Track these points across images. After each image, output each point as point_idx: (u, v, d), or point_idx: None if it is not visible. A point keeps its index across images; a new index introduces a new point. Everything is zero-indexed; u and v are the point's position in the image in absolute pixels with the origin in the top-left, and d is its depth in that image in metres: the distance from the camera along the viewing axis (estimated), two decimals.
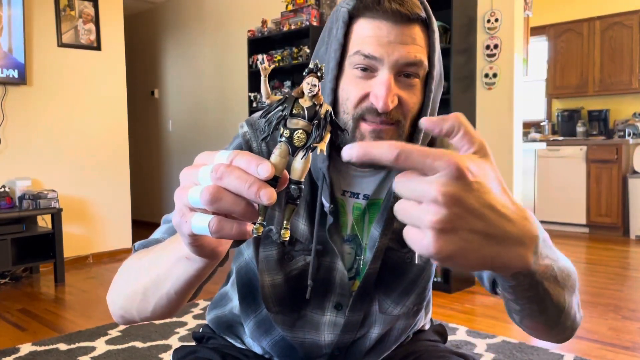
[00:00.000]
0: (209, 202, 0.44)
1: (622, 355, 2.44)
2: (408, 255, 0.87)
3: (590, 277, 3.87)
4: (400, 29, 0.73)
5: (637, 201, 5.07)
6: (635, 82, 5.34)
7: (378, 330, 0.89)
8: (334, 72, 0.76)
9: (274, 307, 0.88)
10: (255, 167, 0.44)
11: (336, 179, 0.85)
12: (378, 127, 0.75)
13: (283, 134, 0.47)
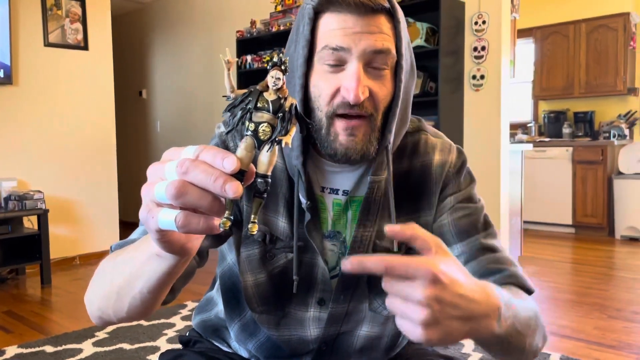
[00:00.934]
0: (175, 197, 0.44)
1: (608, 354, 2.47)
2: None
3: (576, 276, 3.91)
4: (365, 20, 0.73)
5: (621, 202, 5.14)
6: (620, 84, 5.41)
7: (367, 329, 0.89)
8: (303, 69, 0.76)
9: (258, 307, 0.88)
10: (221, 161, 0.44)
11: (314, 175, 0.85)
12: (351, 124, 0.75)
13: (248, 128, 0.47)
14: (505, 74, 3.53)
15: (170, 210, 0.46)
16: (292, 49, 0.81)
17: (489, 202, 3.47)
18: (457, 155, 0.91)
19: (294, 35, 0.81)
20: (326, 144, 0.77)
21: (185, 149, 0.47)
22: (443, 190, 0.89)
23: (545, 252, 4.65)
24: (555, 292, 3.49)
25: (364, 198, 0.84)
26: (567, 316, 3.01)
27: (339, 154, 0.76)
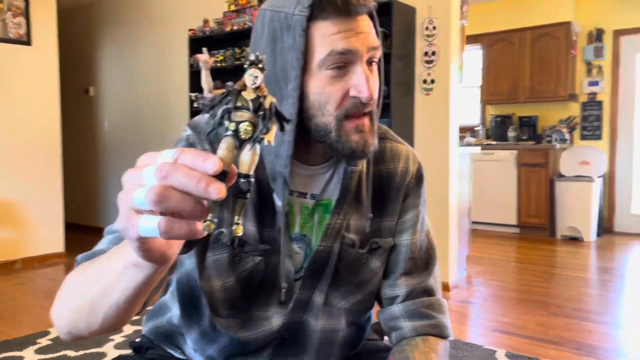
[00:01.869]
0: (156, 202, 0.43)
1: (550, 349, 2.58)
2: (365, 256, 0.91)
3: (520, 275, 4.07)
4: (356, 21, 0.76)
5: (562, 203, 5.38)
6: (562, 90, 5.66)
7: (323, 322, 0.91)
8: (299, 81, 0.76)
9: (224, 312, 0.87)
10: (202, 163, 0.43)
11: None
12: (360, 122, 0.78)
13: (229, 128, 0.46)
14: (455, 78, 3.62)
15: (152, 217, 0.45)
16: (269, 62, 0.79)
17: (439, 203, 3.56)
18: (418, 167, 0.96)
19: (268, 46, 0.78)
20: (340, 146, 0.79)
21: (162, 153, 0.46)
22: (405, 199, 0.94)
23: (491, 252, 4.80)
24: (500, 291, 3.61)
25: (341, 187, 0.87)
26: (511, 313, 3.13)
27: (358, 151, 0.79)
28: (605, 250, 4.90)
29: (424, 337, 0.91)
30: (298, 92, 0.76)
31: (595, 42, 5.75)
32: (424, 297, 0.94)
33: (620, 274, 4.07)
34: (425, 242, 0.97)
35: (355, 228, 0.89)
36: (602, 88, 5.72)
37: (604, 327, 2.87)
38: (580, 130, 5.85)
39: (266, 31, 0.79)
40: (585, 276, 3.99)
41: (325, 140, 0.79)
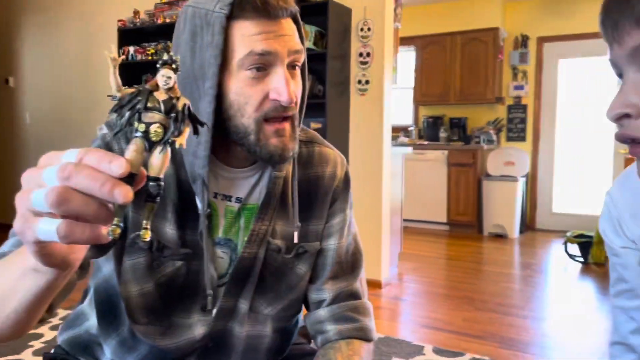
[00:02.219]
0: (56, 204, 0.41)
1: (474, 343, 2.69)
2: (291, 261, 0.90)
3: (449, 271, 4.21)
4: (279, 23, 0.75)
5: (489, 201, 5.62)
6: (490, 93, 5.91)
7: (248, 329, 0.90)
8: (216, 79, 0.74)
9: (143, 319, 0.84)
10: (108, 164, 0.41)
11: (209, 181, 0.84)
12: (281, 126, 0.77)
13: (138, 129, 0.44)
14: (388, 79, 3.69)
15: (51, 220, 0.42)
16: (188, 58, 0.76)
17: (372, 202, 3.62)
18: (346, 171, 0.97)
19: (188, 43, 0.76)
20: (259, 149, 0.77)
21: (65, 152, 0.43)
22: (332, 204, 0.94)
23: (422, 249, 4.95)
24: (430, 287, 3.73)
25: (265, 192, 0.86)
26: (440, 309, 3.23)
27: (276, 155, 0.78)
28: (527, 246, 5.17)
29: (348, 340, 0.92)
30: (215, 90, 0.75)
31: (520, 48, 6.03)
32: (350, 301, 0.95)
33: (540, 269, 4.31)
34: (352, 245, 0.97)
35: (282, 233, 0.89)
36: (527, 92, 6.02)
37: (524, 321, 3.02)
38: (506, 132, 6.14)
39: (187, 27, 0.77)
40: (509, 272, 4.19)
41: (244, 143, 0.78)
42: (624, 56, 0.54)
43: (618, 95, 0.54)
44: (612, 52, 0.56)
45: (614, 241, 0.71)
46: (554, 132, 5.92)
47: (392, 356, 2.48)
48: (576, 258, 4.41)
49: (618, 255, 0.71)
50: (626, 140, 0.55)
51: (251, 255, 0.86)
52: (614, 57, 0.56)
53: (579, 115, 5.77)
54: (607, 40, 0.56)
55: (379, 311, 3.18)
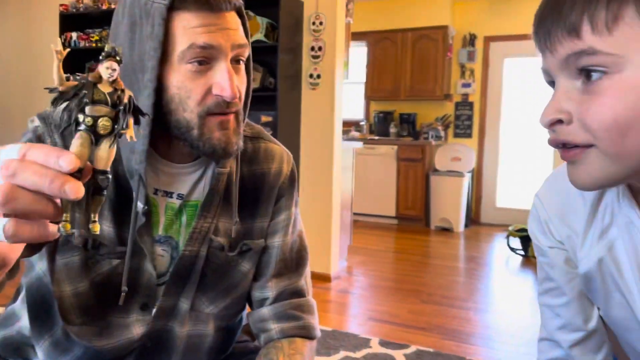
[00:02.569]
0: (2, 203, 0.39)
1: (418, 335, 2.75)
2: (234, 259, 0.88)
3: (397, 264, 4.29)
4: (223, 17, 0.73)
5: (436, 196, 5.75)
6: (438, 90, 6.03)
7: (188, 328, 0.88)
8: (157, 72, 0.72)
9: (77, 319, 0.81)
10: (56, 160, 0.40)
11: (149, 177, 0.82)
12: (225, 118, 0.76)
13: (84, 122, 0.44)
14: (340, 74, 3.71)
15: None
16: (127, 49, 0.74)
17: (322, 196, 3.63)
18: (292, 168, 0.96)
19: (127, 33, 0.74)
20: (201, 144, 0.75)
21: (5, 148, 0.42)
22: (278, 200, 0.93)
23: (371, 242, 5.02)
24: (378, 280, 3.78)
25: (208, 189, 0.84)
26: (386, 302, 3.29)
27: (219, 149, 0.76)
28: (472, 240, 5.33)
29: (290, 338, 0.91)
30: (155, 83, 0.72)
31: (468, 47, 6.19)
32: (294, 299, 0.94)
33: (484, 262, 4.45)
34: (297, 243, 0.97)
35: (225, 231, 0.87)
36: (474, 90, 6.19)
37: (467, 313, 3.12)
38: (454, 129, 6.29)
39: (126, 17, 0.74)
40: (454, 265, 4.31)
41: (186, 138, 0.76)
42: (556, 64, 0.56)
43: (550, 102, 0.57)
44: (545, 61, 0.58)
45: (542, 241, 0.73)
46: (498, 129, 6.12)
47: (340, 349, 2.50)
48: (517, 251, 4.59)
49: (545, 255, 0.73)
50: (558, 145, 0.57)
51: (192, 253, 0.84)
52: (547, 65, 0.58)
53: (522, 113, 5.98)
54: (540, 49, 0.58)
55: (327, 305, 3.20)
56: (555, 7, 0.54)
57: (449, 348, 2.58)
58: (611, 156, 0.53)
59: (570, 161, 0.57)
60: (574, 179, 0.58)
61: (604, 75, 0.52)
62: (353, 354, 2.46)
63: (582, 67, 0.53)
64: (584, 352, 0.74)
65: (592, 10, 0.51)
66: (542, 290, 0.77)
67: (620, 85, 0.51)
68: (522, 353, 2.56)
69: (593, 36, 0.51)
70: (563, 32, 0.53)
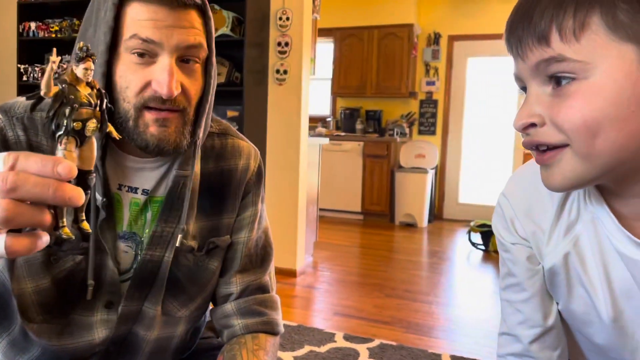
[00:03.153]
0: (6, 221, 0.39)
1: (382, 329, 2.80)
2: (202, 258, 0.88)
3: (362, 259, 4.34)
4: (177, 14, 0.73)
5: (401, 192, 5.83)
6: (404, 87, 6.11)
7: (158, 331, 0.87)
8: (105, 57, 0.72)
9: (38, 317, 0.79)
10: (52, 169, 0.40)
11: (112, 172, 0.81)
12: (162, 115, 0.74)
13: (75, 127, 0.44)
14: (307, 70, 3.71)
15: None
16: (90, 32, 0.74)
17: (288, 191, 3.64)
18: (259, 164, 0.96)
19: (92, 19, 0.75)
20: (136, 136, 0.74)
21: None
22: (245, 196, 0.93)
23: (337, 238, 5.05)
24: (343, 275, 3.82)
25: (167, 192, 0.83)
26: (352, 297, 3.33)
27: (152, 145, 0.74)
28: (435, 235, 5.43)
29: (254, 334, 0.92)
30: (103, 68, 0.72)
31: (433, 45, 6.28)
32: (258, 294, 0.94)
33: (446, 257, 4.55)
34: (263, 239, 0.97)
35: (193, 232, 0.86)
36: (438, 88, 6.29)
37: (429, 306, 3.18)
38: (418, 126, 6.38)
39: (93, 4, 0.76)
40: (417, 259, 4.38)
41: (124, 129, 0.75)
42: (527, 71, 0.58)
43: (523, 106, 0.59)
44: (517, 67, 0.60)
45: (506, 238, 0.74)
46: (461, 127, 6.24)
47: (304, 344, 2.52)
48: (478, 246, 4.70)
49: (509, 251, 0.75)
50: (532, 147, 0.60)
51: (155, 258, 0.83)
52: (519, 71, 0.60)
53: (484, 111, 6.12)
54: (513, 56, 0.60)
55: (293, 300, 3.21)
56: (525, 15, 0.57)
57: (412, 341, 2.63)
58: (584, 156, 0.56)
59: (544, 165, 0.60)
60: (549, 182, 0.60)
61: (572, 81, 0.54)
62: (317, 348, 2.48)
63: (551, 74, 0.56)
64: (542, 347, 0.75)
65: (560, 19, 0.54)
66: (504, 286, 0.79)
67: (588, 90, 0.53)
68: (483, 345, 2.64)
69: (562, 44, 0.54)
70: (533, 40, 0.56)
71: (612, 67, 0.52)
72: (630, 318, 0.66)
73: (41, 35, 4.01)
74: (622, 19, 0.52)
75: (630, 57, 0.52)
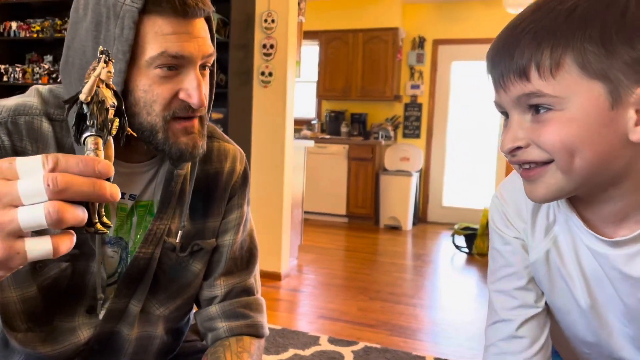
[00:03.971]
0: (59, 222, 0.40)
1: (367, 332, 2.80)
2: (185, 259, 0.88)
3: (347, 262, 4.34)
4: (193, 24, 0.73)
5: (385, 195, 5.85)
6: (389, 91, 6.14)
7: (139, 329, 0.87)
8: (124, 75, 0.71)
9: (23, 325, 0.78)
10: (94, 168, 0.42)
11: None
12: (189, 124, 0.76)
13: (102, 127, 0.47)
14: (292, 72, 3.71)
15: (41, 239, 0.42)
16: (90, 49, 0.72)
17: (273, 194, 3.62)
18: (244, 167, 0.96)
19: (92, 32, 0.72)
20: (168, 148, 0.75)
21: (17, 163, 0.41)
22: (230, 199, 0.93)
23: (322, 241, 5.05)
24: (328, 278, 3.81)
25: (162, 190, 0.84)
26: (336, 300, 3.32)
27: (186, 154, 0.76)
28: (419, 238, 5.46)
29: (238, 337, 0.91)
30: (121, 87, 0.71)
31: (417, 49, 6.32)
32: (242, 297, 0.94)
33: (430, 260, 4.57)
34: (248, 241, 0.97)
35: (176, 231, 0.87)
36: (422, 91, 6.33)
37: (413, 309, 3.19)
38: (403, 129, 6.41)
39: (90, 15, 0.72)
40: (401, 262, 4.40)
41: (152, 141, 0.75)
42: (509, 101, 0.66)
43: (507, 132, 0.66)
44: (499, 97, 0.67)
45: (507, 232, 0.81)
46: (445, 131, 6.29)
47: (289, 347, 2.51)
48: (462, 249, 4.73)
49: (509, 243, 0.81)
50: (520, 165, 0.68)
51: (147, 255, 0.83)
52: (500, 100, 0.68)
53: (468, 115, 6.17)
54: (495, 87, 0.67)
55: (277, 303, 3.20)
56: (507, 52, 0.64)
57: (396, 344, 2.64)
58: (565, 172, 0.63)
59: (529, 180, 0.67)
60: (533, 195, 0.68)
61: (549, 110, 0.62)
62: (302, 352, 2.47)
63: (531, 104, 0.63)
64: (532, 327, 0.80)
65: (538, 58, 0.61)
66: (498, 277, 0.83)
67: (562, 118, 0.62)
68: (467, 347, 2.65)
69: (540, 80, 0.61)
70: (515, 75, 0.63)
71: (583, 100, 0.60)
72: (603, 304, 0.74)
73: (22, 35, 3.95)
74: (590, 59, 0.59)
75: (598, 91, 0.60)
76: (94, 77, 0.46)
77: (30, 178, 0.41)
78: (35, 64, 3.99)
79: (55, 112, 0.78)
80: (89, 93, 0.46)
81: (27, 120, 0.75)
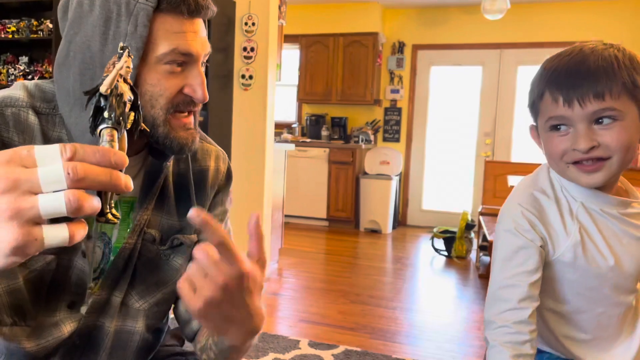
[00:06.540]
0: (77, 210, 0.41)
1: (347, 335, 2.80)
2: (166, 253, 0.89)
3: (328, 266, 4.34)
4: (197, 22, 0.78)
5: (365, 198, 5.88)
6: (369, 95, 6.17)
7: (117, 323, 0.87)
8: (135, 72, 0.74)
9: (8, 319, 0.78)
10: (111, 159, 0.43)
11: None
12: (187, 120, 0.80)
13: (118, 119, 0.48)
14: (272, 76, 3.70)
15: (58, 227, 0.43)
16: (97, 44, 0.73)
17: (254, 197, 3.61)
18: (228, 167, 0.99)
19: (99, 27, 0.73)
20: (169, 141, 0.78)
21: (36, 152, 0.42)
22: (214, 197, 0.96)
23: (303, 244, 5.04)
24: (309, 282, 3.81)
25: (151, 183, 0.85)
26: (317, 303, 3.32)
27: (187, 148, 0.80)
28: (398, 241, 5.49)
29: None
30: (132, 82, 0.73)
31: (397, 54, 6.37)
32: None
33: (409, 263, 4.60)
34: None
35: (157, 224, 0.88)
36: (402, 96, 6.38)
37: (392, 312, 3.21)
38: (383, 133, 6.45)
39: (98, 10, 0.73)
40: (381, 265, 4.42)
41: (152, 134, 0.78)
42: (582, 115, 0.89)
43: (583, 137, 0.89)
44: (570, 111, 0.89)
45: (529, 237, 0.97)
46: (425, 135, 6.34)
47: (269, 351, 2.50)
48: (441, 252, 4.77)
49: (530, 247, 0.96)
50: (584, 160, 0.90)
51: (130, 246, 0.85)
52: (569, 115, 0.89)
53: (447, 119, 6.24)
54: (568, 103, 0.89)
55: None
56: (586, 77, 0.88)
57: (376, 347, 2.65)
58: (619, 164, 0.91)
59: (589, 172, 0.91)
60: (593, 181, 0.91)
61: (614, 121, 0.88)
62: (282, 355, 2.47)
63: (600, 117, 0.88)
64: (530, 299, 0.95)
65: (610, 84, 0.87)
66: (510, 275, 0.96)
67: (621, 126, 0.89)
68: (446, 350, 2.67)
69: (611, 100, 0.87)
70: (592, 96, 0.87)
71: (631, 116, 0.89)
72: (624, 258, 0.97)
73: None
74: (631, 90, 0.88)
75: (635, 112, 0.90)
76: (115, 71, 0.47)
77: (49, 166, 0.42)
78: (10, 65, 3.92)
79: (42, 106, 0.79)
80: (109, 85, 0.47)
81: (14, 112, 0.76)
